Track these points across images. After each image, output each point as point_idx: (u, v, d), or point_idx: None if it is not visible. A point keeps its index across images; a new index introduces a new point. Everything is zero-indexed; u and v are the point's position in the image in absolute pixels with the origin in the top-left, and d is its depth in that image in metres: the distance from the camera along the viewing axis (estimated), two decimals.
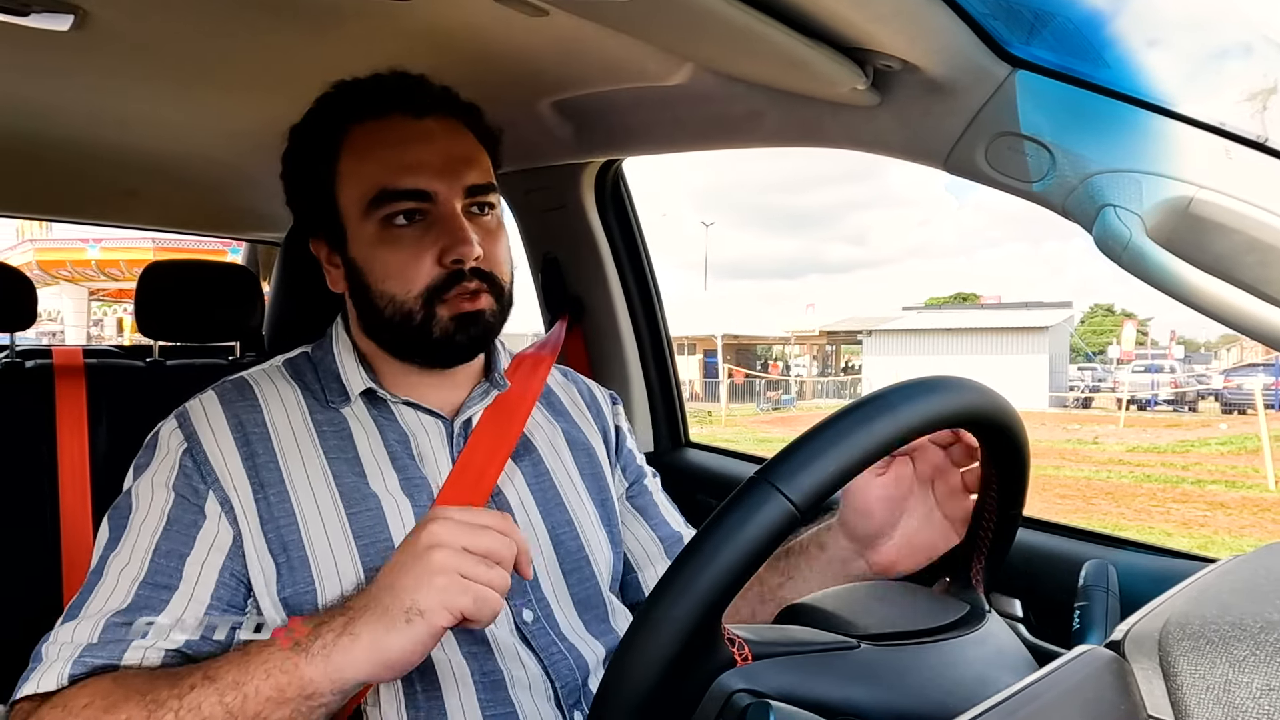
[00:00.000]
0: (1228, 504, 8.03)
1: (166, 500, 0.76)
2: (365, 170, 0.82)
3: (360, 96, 0.84)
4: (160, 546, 0.74)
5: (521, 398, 0.92)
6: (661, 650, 0.45)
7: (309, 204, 0.88)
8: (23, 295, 1.44)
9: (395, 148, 0.82)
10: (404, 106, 0.83)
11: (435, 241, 0.81)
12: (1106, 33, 0.77)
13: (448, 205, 0.82)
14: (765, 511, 0.45)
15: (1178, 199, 0.70)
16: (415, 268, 0.81)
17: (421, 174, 0.81)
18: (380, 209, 0.81)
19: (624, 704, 0.45)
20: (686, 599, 0.45)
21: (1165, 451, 11.94)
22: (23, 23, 0.89)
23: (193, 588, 0.73)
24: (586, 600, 0.88)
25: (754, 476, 0.47)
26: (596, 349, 1.68)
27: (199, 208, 1.89)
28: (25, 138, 1.33)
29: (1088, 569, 0.63)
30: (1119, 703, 0.44)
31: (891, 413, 0.49)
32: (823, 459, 0.47)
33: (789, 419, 18.11)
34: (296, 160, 0.88)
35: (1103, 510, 7.86)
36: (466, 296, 0.82)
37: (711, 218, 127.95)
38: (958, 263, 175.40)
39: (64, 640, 0.70)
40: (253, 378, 0.87)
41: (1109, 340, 41.30)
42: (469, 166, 0.84)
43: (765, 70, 0.93)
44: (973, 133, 0.83)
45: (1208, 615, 0.45)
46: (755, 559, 0.45)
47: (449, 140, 0.84)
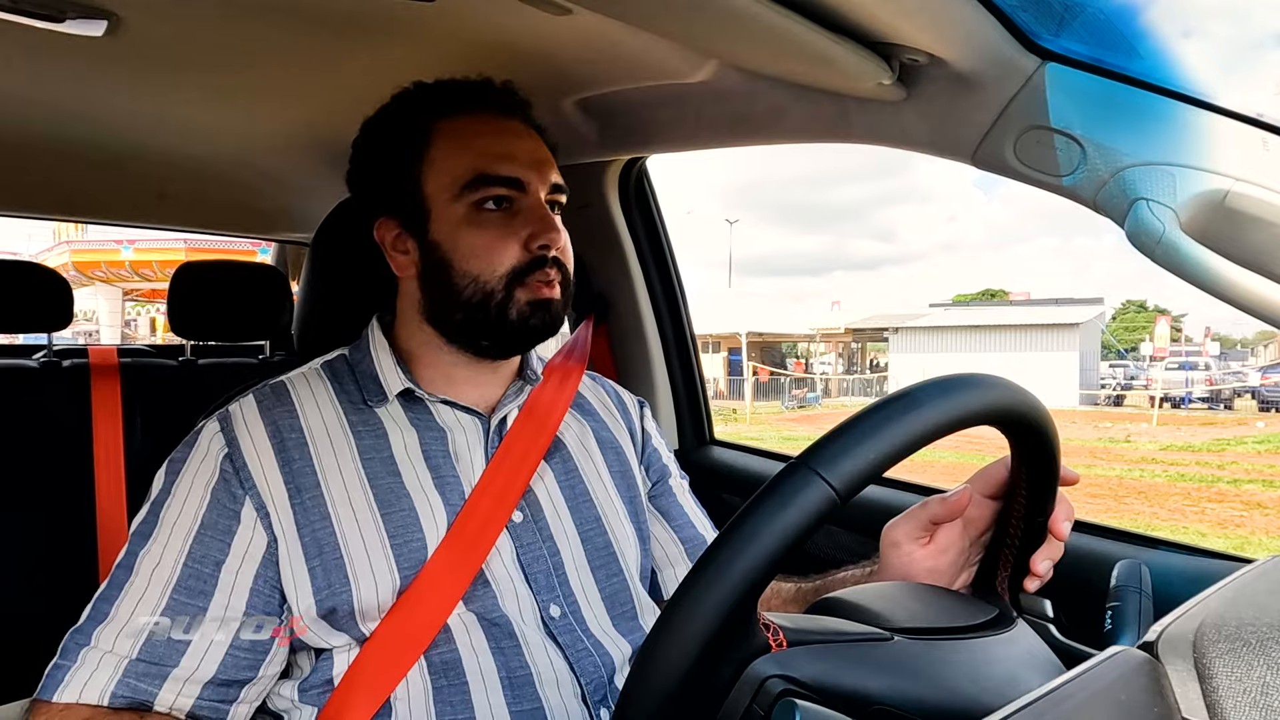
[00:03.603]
0: (1265, 503, 7.87)
1: (202, 502, 0.77)
2: (461, 156, 0.86)
3: (451, 93, 0.89)
4: (194, 551, 0.75)
5: (555, 399, 0.94)
6: (696, 632, 0.44)
7: (388, 189, 0.89)
8: (60, 296, 1.47)
9: (492, 138, 0.87)
10: (494, 106, 0.89)
11: (523, 227, 0.85)
12: (1138, 24, 0.76)
13: (536, 196, 0.86)
14: (806, 495, 0.45)
15: (1213, 192, 0.69)
16: (502, 250, 0.84)
17: (516, 164, 0.86)
18: (474, 192, 0.84)
19: (657, 686, 0.45)
20: (725, 580, 0.45)
21: (1200, 450, 11.71)
22: (58, 29, 0.91)
23: (228, 596, 0.75)
24: (614, 597, 0.88)
25: (794, 461, 0.47)
26: (621, 347, 1.68)
27: (229, 209, 1.92)
28: (58, 141, 1.36)
29: (1120, 569, 0.62)
30: (1152, 705, 0.43)
31: (926, 406, 0.49)
32: (862, 447, 0.47)
33: (814, 417, 18.02)
34: (377, 148, 0.90)
35: (1135, 510, 7.73)
36: (546, 282, 0.85)
37: (736, 215, 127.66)
38: (986, 259, 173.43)
39: (105, 648, 0.71)
40: (290, 382, 0.88)
41: (1142, 337, 40.59)
42: (549, 166, 0.89)
43: (789, 66, 0.93)
44: (1001, 127, 0.82)
45: (1244, 617, 0.44)
46: (794, 542, 0.45)
47: (532, 140, 0.90)
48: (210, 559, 0.75)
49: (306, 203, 1.82)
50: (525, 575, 0.83)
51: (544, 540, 0.86)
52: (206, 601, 0.74)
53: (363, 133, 0.92)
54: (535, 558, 0.84)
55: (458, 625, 0.79)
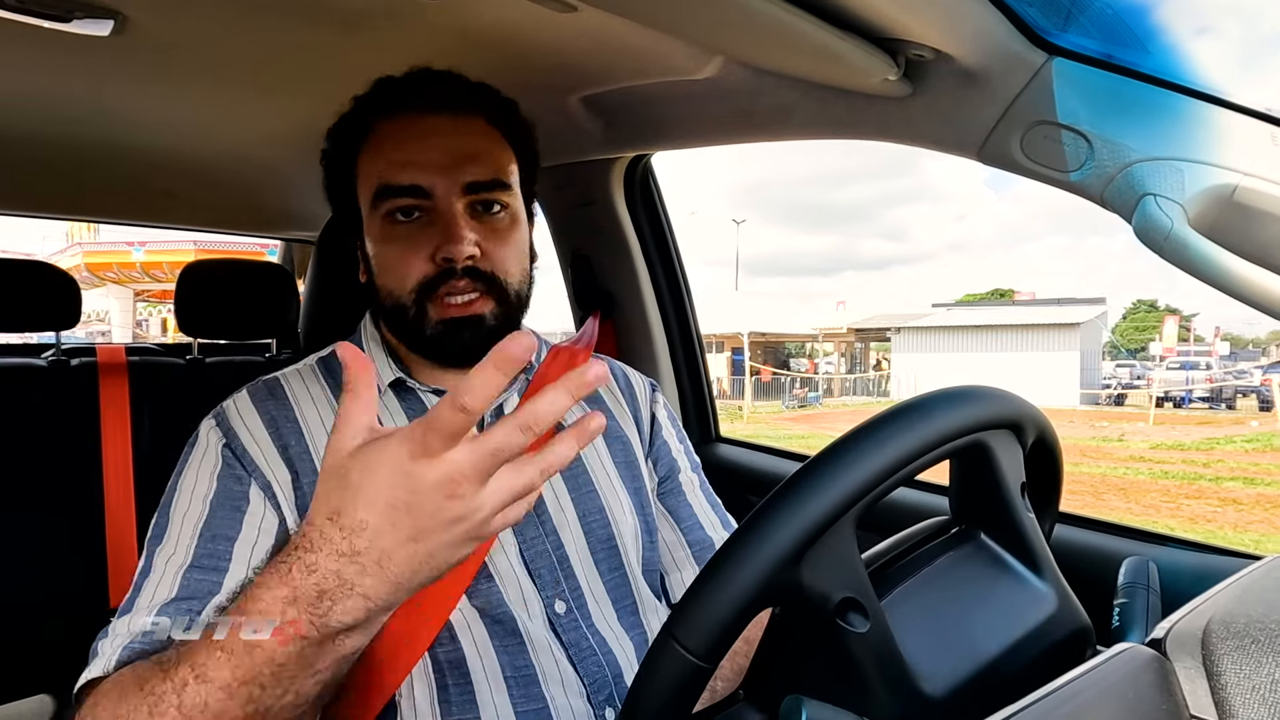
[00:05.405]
0: (1241, 500, 7.95)
1: (209, 488, 0.77)
2: (373, 166, 0.84)
3: (381, 94, 0.86)
4: (205, 532, 0.74)
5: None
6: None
7: (336, 200, 0.91)
8: (67, 295, 1.47)
9: (399, 144, 0.83)
10: (413, 104, 0.84)
11: (430, 239, 0.82)
12: (1145, 18, 0.75)
13: (445, 202, 0.82)
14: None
15: (1221, 187, 0.69)
16: (409, 263, 0.82)
17: (420, 170, 0.82)
18: (382, 204, 0.83)
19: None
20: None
21: (1189, 449, 11.73)
22: (65, 28, 0.92)
23: (245, 568, 0.73)
24: (618, 591, 0.88)
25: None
26: (627, 344, 1.68)
27: (234, 208, 1.92)
28: (64, 140, 1.36)
29: (1127, 566, 0.62)
30: (1160, 702, 0.43)
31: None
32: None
33: (812, 416, 18.11)
34: (327, 157, 0.91)
35: (1111, 505, 7.78)
36: (456, 297, 0.82)
37: (745, 215, 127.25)
38: (997, 258, 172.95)
39: (120, 633, 0.71)
40: (284, 377, 0.88)
41: (1152, 337, 40.46)
42: (472, 163, 0.83)
43: (795, 62, 0.93)
44: (1008, 122, 0.82)
45: (1253, 614, 0.44)
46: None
47: (456, 136, 0.84)
48: (223, 536, 0.74)
49: (312, 201, 1.82)
50: (529, 571, 0.83)
51: (547, 535, 0.85)
52: (221, 577, 0.72)
53: (325, 140, 0.91)
54: (539, 552, 0.84)
55: (461, 623, 0.79)
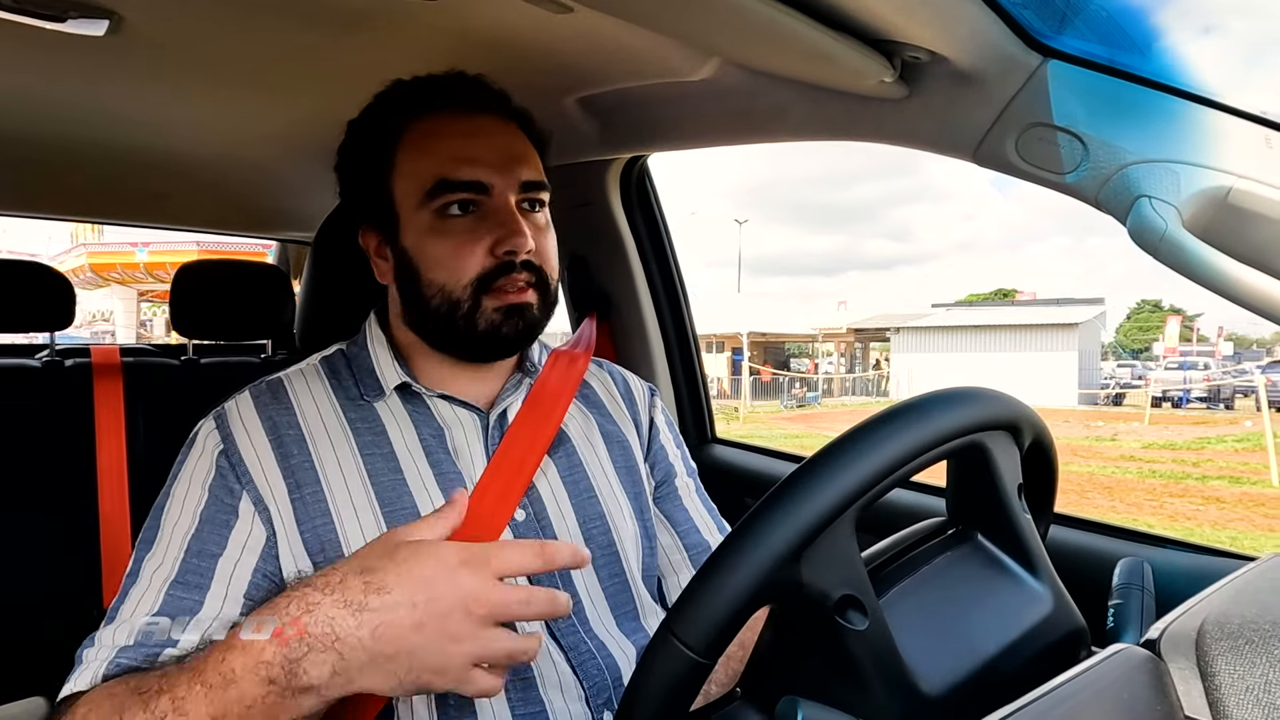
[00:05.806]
0: (1225, 499, 8.00)
1: (200, 500, 0.77)
2: (424, 162, 0.84)
3: (420, 93, 0.87)
4: (192, 546, 0.74)
5: (558, 392, 0.93)
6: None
7: (363, 196, 0.89)
8: (61, 296, 1.47)
9: (454, 140, 0.84)
10: (462, 103, 0.86)
11: (489, 232, 0.82)
12: (1140, 21, 0.75)
13: (502, 198, 0.83)
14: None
15: (1216, 189, 0.69)
16: (467, 257, 0.82)
17: (479, 166, 0.83)
18: (437, 199, 0.83)
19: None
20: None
21: (1180, 448, 11.79)
22: (60, 28, 0.91)
23: (225, 588, 0.73)
24: (618, 596, 0.88)
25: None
26: (623, 346, 1.68)
27: (230, 208, 1.92)
28: (60, 140, 1.36)
29: (1122, 566, 0.62)
30: (1155, 703, 0.43)
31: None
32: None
33: (810, 416, 18.14)
34: (354, 153, 0.90)
35: (1095, 504, 7.81)
36: (515, 288, 0.83)
37: (748, 216, 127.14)
38: (1002, 258, 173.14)
39: (104, 643, 0.71)
40: (287, 378, 0.88)
41: (1155, 336, 40.52)
42: (523, 163, 0.86)
43: (791, 63, 0.93)
44: (1003, 124, 0.82)
45: (1247, 614, 0.44)
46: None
47: (505, 137, 0.86)
48: (207, 552, 0.74)
49: (308, 202, 1.82)
50: (529, 577, 0.83)
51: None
52: (203, 595, 0.73)
53: (345, 136, 0.91)
54: None
55: None
